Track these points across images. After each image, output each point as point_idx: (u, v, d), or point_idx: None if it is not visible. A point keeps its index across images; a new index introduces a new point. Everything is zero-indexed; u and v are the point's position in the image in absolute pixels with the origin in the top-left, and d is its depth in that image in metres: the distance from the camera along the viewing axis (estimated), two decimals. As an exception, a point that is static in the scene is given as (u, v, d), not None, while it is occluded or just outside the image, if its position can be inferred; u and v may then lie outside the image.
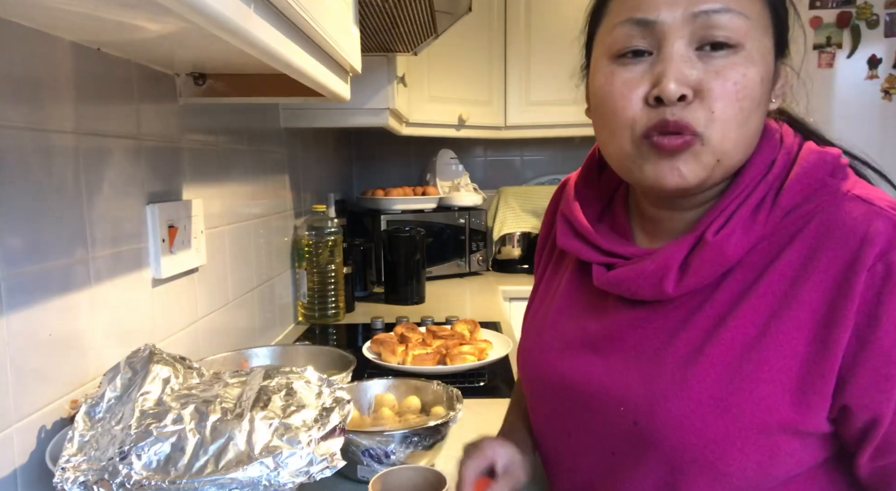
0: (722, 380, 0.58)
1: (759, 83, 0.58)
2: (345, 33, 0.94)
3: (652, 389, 0.61)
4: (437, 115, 2.36)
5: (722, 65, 0.57)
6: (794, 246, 0.58)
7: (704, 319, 0.60)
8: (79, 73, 0.82)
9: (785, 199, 0.59)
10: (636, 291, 0.64)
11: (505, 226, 2.64)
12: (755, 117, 0.59)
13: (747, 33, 0.57)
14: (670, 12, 0.58)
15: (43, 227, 0.74)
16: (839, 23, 2.01)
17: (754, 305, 0.58)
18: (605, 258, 0.68)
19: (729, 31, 0.57)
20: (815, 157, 0.61)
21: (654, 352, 0.62)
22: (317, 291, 1.81)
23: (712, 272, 0.60)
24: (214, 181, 1.26)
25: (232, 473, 0.60)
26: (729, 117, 0.57)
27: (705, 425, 0.57)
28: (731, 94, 0.57)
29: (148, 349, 0.76)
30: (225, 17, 0.51)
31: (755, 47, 0.58)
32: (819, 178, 0.59)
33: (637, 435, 0.61)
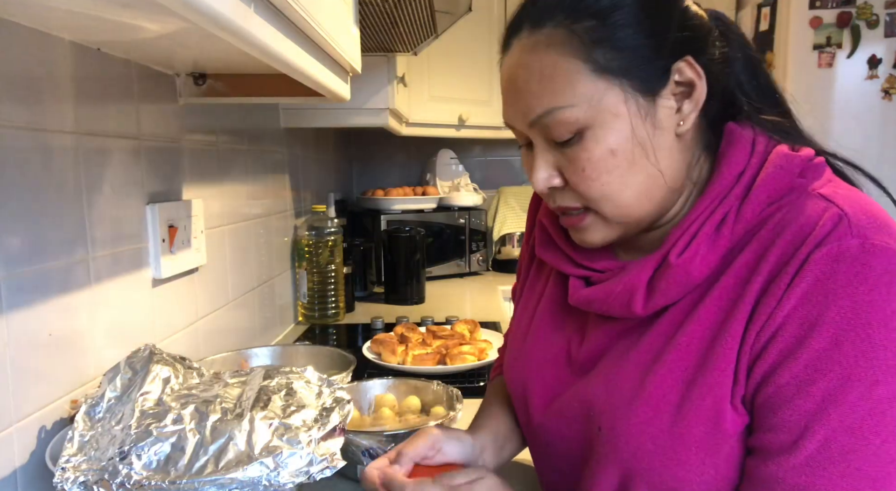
0: (678, 386, 0.57)
1: (610, 155, 0.58)
2: (345, 33, 0.94)
3: (614, 394, 0.61)
4: (437, 115, 2.36)
5: (572, 154, 0.60)
6: (750, 246, 0.57)
7: (665, 326, 0.60)
8: (79, 73, 0.82)
9: (748, 209, 0.58)
10: (608, 310, 0.64)
11: (505, 226, 2.64)
12: (634, 173, 0.59)
13: (580, 119, 0.58)
14: (515, 118, 0.63)
15: (43, 227, 0.74)
16: (839, 23, 2.01)
17: (708, 309, 0.57)
18: (581, 271, 0.69)
19: (563, 128, 0.59)
20: (782, 160, 0.58)
21: (616, 360, 0.63)
22: (317, 291, 1.81)
23: (679, 292, 0.59)
24: (214, 181, 1.26)
25: (232, 473, 0.60)
26: (598, 193, 0.60)
27: (662, 431, 0.57)
28: (587, 177, 0.59)
29: (148, 349, 0.76)
30: (225, 17, 0.51)
31: (600, 122, 0.58)
32: (786, 182, 0.58)
33: (601, 441, 0.61)
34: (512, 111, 0.63)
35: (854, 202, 0.55)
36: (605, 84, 0.58)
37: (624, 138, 0.59)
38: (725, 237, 0.58)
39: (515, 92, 0.61)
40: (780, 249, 0.54)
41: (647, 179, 0.60)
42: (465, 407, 1.03)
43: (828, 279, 0.51)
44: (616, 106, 0.58)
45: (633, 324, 0.63)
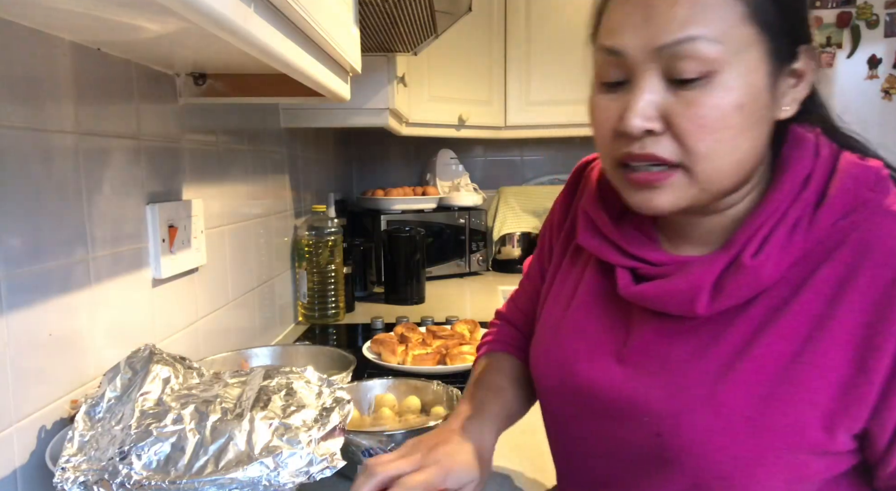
0: (755, 399, 0.56)
1: (736, 110, 0.55)
2: (345, 33, 0.94)
3: (678, 401, 0.59)
4: (437, 115, 2.36)
5: (693, 97, 0.54)
6: (830, 263, 0.56)
7: (736, 335, 0.58)
8: (79, 73, 0.82)
9: (824, 218, 0.57)
10: (664, 307, 0.61)
11: (505, 226, 2.64)
12: (746, 140, 0.56)
13: (718, 59, 0.53)
14: (635, 43, 0.55)
15: (43, 227, 0.74)
16: (839, 23, 2.01)
17: (789, 323, 0.56)
18: (630, 261, 0.65)
19: (697, 62, 0.53)
20: (855, 170, 0.58)
21: (680, 364, 0.60)
22: (317, 291, 1.81)
23: (746, 294, 0.58)
24: (214, 181, 1.26)
25: (232, 473, 0.60)
26: (706, 150, 0.55)
27: (734, 444, 0.56)
28: (702, 128, 0.54)
29: (148, 349, 0.76)
30: (225, 17, 0.51)
31: (733, 72, 0.54)
32: (859, 194, 0.57)
33: (660, 446, 0.59)
34: (635, 33, 0.55)
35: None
36: (753, 34, 0.55)
37: (752, 97, 0.55)
38: (798, 244, 0.57)
39: (651, 11, 0.54)
40: (871, 272, 0.54)
41: (750, 150, 0.57)
42: (465, 407, 1.03)
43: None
44: (756, 61, 0.55)
45: (689, 324, 0.61)
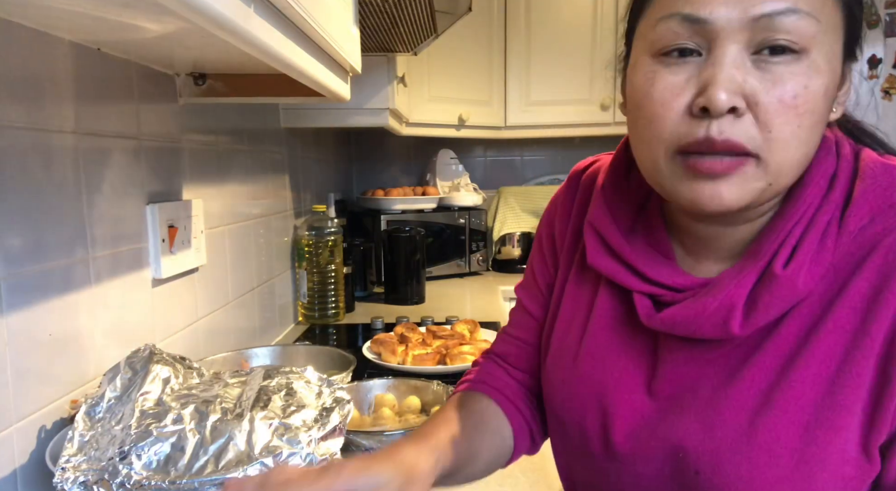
0: (798, 429, 0.52)
1: (823, 95, 0.51)
2: (345, 33, 0.94)
3: (716, 437, 0.55)
4: (437, 115, 2.36)
5: (781, 73, 0.49)
6: (862, 274, 0.52)
7: (770, 359, 0.54)
8: (79, 73, 0.82)
9: (853, 222, 0.53)
10: (696, 332, 0.56)
11: (505, 226, 2.64)
12: (816, 134, 0.52)
13: (814, 37, 0.50)
14: (727, 11, 0.50)
15: (43, 227, 0.74)
16: (839, 23, 2.01)
17: (825, 342, 0.52)
18: (649, 287, 0.60)
19: (793, 35, 0.49)
20: (880, 170, 0.55)
21: (713, 394, 0.56)
22: (317, 291, 1.81)
23: (781, 308, 0.53)
24: (214, 181, 1.26)
25: (232, 473, 0.60)
26: (788, 136, 0.50)
27: (780, 480, 0.52)
28: (789, 109, 0.50)
29: (148, 349, 0.76)
30: (225, 17, 0.51)
31: (822, 54, 0.50)
32: (887, 196, 0.54)
33: (698, 485, 0.56)
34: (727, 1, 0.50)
35: None
36: (840, 19, 0.52)
37: (834, 84, 0.53)
38: (829, 250, 0.53)
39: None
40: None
41: (815, 146, 0.54)
42: (465, 407, 1.03)
43: None
44: (838, 47, 0.53)
45: (720, 349, 0.57)
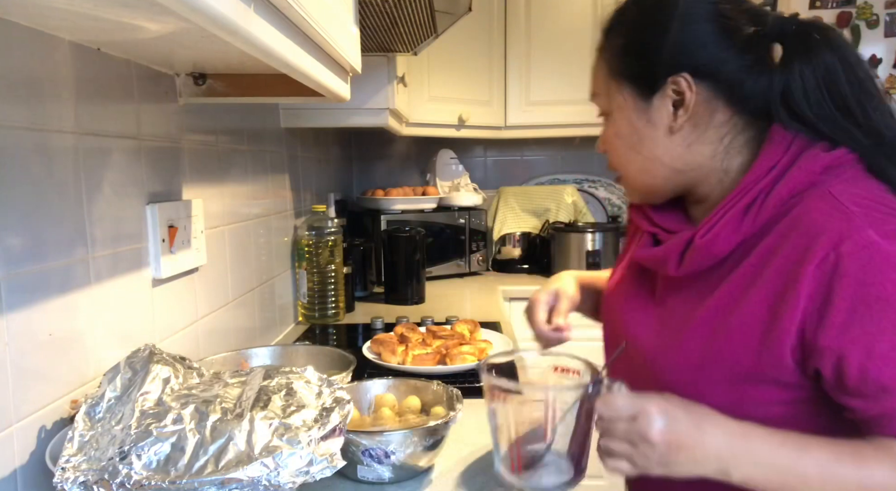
0: (704, 339, 0.72)
1: (617, 136, 0.79)
2: (345, 33, 0.94)
3: (660, 340, 0.77)
4: (437, 115, 2.35)
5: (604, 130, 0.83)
6: (770, 236, 0.69)
7: (701, 291, 0.74)
8: (79, 73, 0.82)
9: (771, 202, 0.69)
10: (653, 267, 0.81)
11: (505, 226, 2.64)
12: (633, 154, 0.78)
13: (603, 104, 0.81)
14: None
15: (43, 227, 0.74)
16: (839, 23, 2.01)
17: (734, 282, 0.71)
18: (652, 228, 0.82)
19: (598, 108, 0.82)
20: (807, 159, 0.69)
21: (670, 314, 0.78)
22: (317, 291, 1.81)
23: (702, 264, 0.74)
24: (214, 181, 1.26)
25: (232, 473, 0.60)
26: (615, 165, 0.82)
27: (689, 373, 0.72)
28: (607, 150, 0.82)
29: (148, 349, 0.76)
30: (225, 17, 0.51)
31: (614, 109, 0.79)
32: (806, 179, 0.68)
33: (647, 373, 0.77)
34: None
35: (861, 200, 0.65)
36: (616, 84, 0.77)
37: (625, 127, 0.78)
38: (749, 224, 0.70)
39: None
40: (794, 242, 0.66)
41: (645, 161, 0.78)
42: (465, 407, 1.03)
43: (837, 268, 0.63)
44: (622, 101, 0.77)
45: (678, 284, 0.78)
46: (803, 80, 0.69)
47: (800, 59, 0.70)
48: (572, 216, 2.64)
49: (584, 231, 2.44)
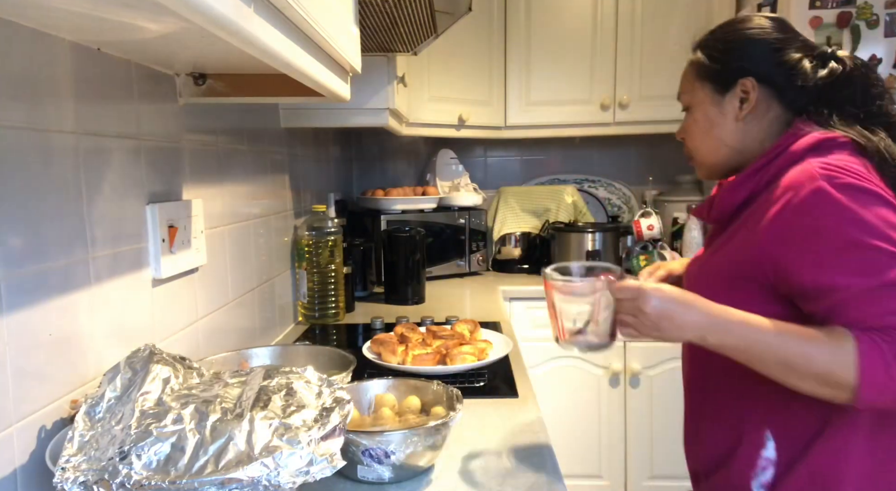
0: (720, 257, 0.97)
1: (694, 124, 1.05)
2: (345, 33, 0.94)
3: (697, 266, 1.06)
4: (437, 115, 2.35)
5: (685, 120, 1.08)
6: (763, 195, 0.92)
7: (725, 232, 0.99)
8: (79, 73, 0.82)
9: (770, 170, 0.93)
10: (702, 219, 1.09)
11: (505, 226, 2.64)
12: (708, 138, 1.03)
13: (690, 102, 1.05)
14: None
15: (43, 227, 0.74)
16: (839, 23, 2.00)
17: (740, 229, 0.94)
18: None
19: (683, 104, 1.08)
20: (805, 139, 0.91)
21: (708, 250, 1.05)
22: (317, 291, 1.81)
23: (724, 211, 1.00)
24: (214, 181, 1.26)
25: (232, 473, 0.60)
26: (690, 147, 1.08)
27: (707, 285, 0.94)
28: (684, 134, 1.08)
29: (148, 349, 0.76)
30: (225, 17, 0.51)
31: (696, 106, 1.04)
32: (803, 153, 0.90)
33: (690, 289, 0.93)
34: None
35: (828, 165, 0.85)
36: (699, 84, 1.03)
37: (702, 116, 1.03)
38: (755, 182, 0.95)
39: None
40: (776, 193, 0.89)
41: (714, 142, 1.03)
42: (465, 407, 1.03)
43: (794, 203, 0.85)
44: (703, 97, 1.03)
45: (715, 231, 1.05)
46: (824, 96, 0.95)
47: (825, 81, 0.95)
48: (572, 216, 2.64)
49: (584, 231, 2.44)
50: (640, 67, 2.53)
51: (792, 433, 0.89)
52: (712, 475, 0.98)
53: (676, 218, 2.61)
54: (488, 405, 1.18)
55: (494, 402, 1.20)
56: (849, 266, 0.80)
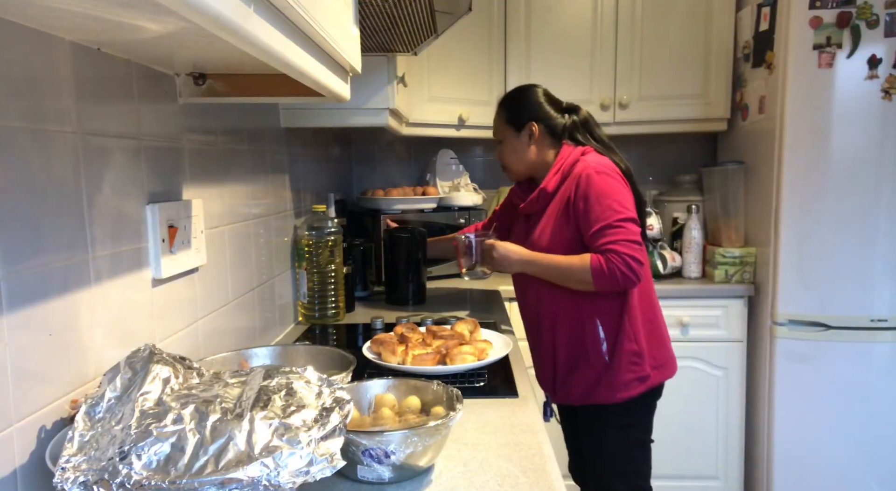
0: (541, 233, 1.62)
1: (500, 150, 1.74)
2: (345, 33, 0.94)
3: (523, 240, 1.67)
4: (437, 115, 2.35)
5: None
6: (565, 184, 1.58)
7: (541, 215, 1.64)
8: (79, 73, 0.82)
9: (563, 169, 1.60)
10: (525, 210, 1.70)
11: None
12: (513, 158, 1.71)
13: (497, 136, 1.74)
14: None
15: (43, 226, 0.74)
16: (839, 23, 2.00)
17: (552, 207, 1.60)
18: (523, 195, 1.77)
19: (495, 140, 1.76)
20: (574, 153, 1.61)
21: (528, 229, 1.68)
22: (317, 291, 1.81)
23: (542, 201, 1.63)
24: (214, 181, 1.26)
25: (232, 473, 0.60)
26: (504, 164, 1.75)
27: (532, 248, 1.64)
28: (500, 158, 1.76)
29: (148, 349, 0.76)
30: (225, 17, 0.51)
31: (503, 138, 1.71)
32: (571, 162, 1.59)
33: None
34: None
35: (591, 162, 1.55)
36: (505, 126, 1.70)
37: (509, 145, 1.71)
38: (557, 180, 1.60)
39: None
40: (569, 184, 1.57)
41: (518, 161, 1.70)
42: (466, 407, 1.03)
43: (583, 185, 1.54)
44: (508, 132, 1.70)
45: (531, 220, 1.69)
46: (576, 127, 1.67)
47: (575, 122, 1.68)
48: (572, 216, 2.64)
49: (584, 231, 2.44)
50: (640, 67, 2.53)
51: (608, 314, 1.56)
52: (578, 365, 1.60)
53: (676, 218, 2.61)
54: (488, 405, 1.18)
55: (494, 402, 1.20)
56: (598, 218, 1.49)
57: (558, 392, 1.65)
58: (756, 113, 2.33)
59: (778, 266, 2.17)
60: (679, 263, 2.50)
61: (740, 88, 2.48)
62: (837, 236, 2.10)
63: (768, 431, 2.23)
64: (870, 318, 2.11)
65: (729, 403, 2.38)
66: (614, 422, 1.61)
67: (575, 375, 1.60)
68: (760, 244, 2.30)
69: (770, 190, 2.19)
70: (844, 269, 2.10)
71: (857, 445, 2.15)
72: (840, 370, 2.14)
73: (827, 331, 2.14)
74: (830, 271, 2.11)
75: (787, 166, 2.12)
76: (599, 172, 1.50)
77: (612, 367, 1.57)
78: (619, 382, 1.57)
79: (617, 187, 1.51)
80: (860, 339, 2.12)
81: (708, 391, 2.38)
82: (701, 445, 2.41)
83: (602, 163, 1.53)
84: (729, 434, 2.39)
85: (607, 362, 1.57)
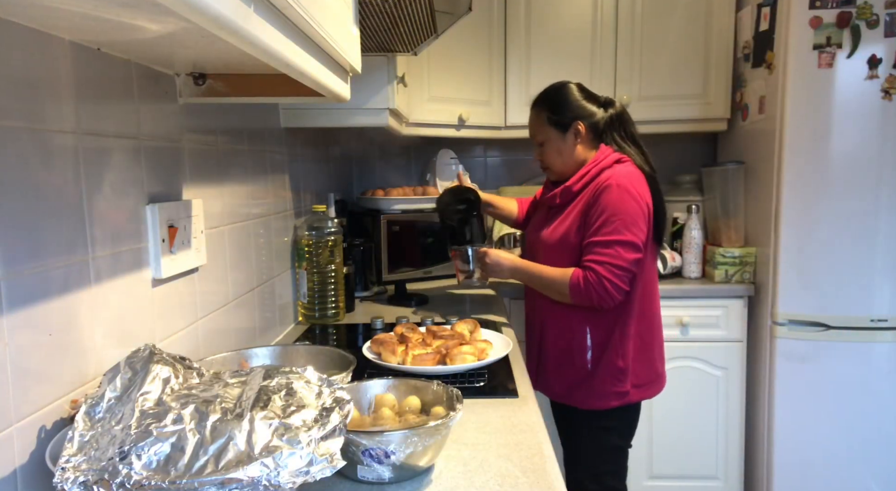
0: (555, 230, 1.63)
1: (542, 151, 1.70)
2: (345, 33, 0.94)
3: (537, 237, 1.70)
4: (437, 115, 2.35)
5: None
6: (586, 192, 1.58)
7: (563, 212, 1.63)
8: (79, 73, 0.82)
9: (588, 175, 1.59)
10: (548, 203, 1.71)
11: (505, 226, 2.64)
12: (558, 160, 1.67)
13: (539, 139, 1.70)
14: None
15: (43, 227, 0.74)
16: (839, 23, 2.00)
17: (574, 207, 1.60)
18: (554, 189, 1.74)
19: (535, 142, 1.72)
20: (610, 157, 1.59)
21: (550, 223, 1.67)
22: (317, 291, 1.81)
23: (566, 198, 1.63)
24: (214, 181, 1.26)
25: (232, 473, 0.60)
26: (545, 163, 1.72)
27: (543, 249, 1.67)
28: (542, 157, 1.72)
29: (148, 349, 0.76)
30: (225, 17, 0.51)
31: (546, 140, 1.67)
32: (601, 167, 1.58)
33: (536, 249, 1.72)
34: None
35: (619, 172, 1.55)
36: (547, 126, 1.66)
37: (552, 145, 1.67)
38: (580, 184, 1.60)
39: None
40: (593, 190, 1.56)
41: (564, 161, 1.66)
42: (466, 407, 1.03)
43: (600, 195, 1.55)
44: (549, 134, 1.67)
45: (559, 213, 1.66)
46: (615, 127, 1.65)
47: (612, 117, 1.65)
48: (572, 216, 2.64)
49: (584, 231, 2.44)
50: (640, 67, 2.53)
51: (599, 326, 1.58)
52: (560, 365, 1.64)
53: (676, 218, 2.61)
54: (488, 405, 1.18)
55: (494, 402, 1.20)
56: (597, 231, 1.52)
57: (539, 382, 1.70)
58: (756, 113, 2.33)
59: (778, 266, 2.17)
60: (679, 263, 2.50)
61: (740, 88, 2.48)
62: (837, 236, 2.10)
63: (768, 431, 2.23)
64: (870, 318, 2.11)
65: (729, 403, 2.38)
66: (591, 423, 1.63)
67: (557, 373, 1.65)
68: (760, 244, 2.30)
69: (770, 190, 2.19)
70: (844, 269, 2.10)
71: (857, 445, 2.15)
72: (840, 370, 2.14)
73: (827, 331, 2.14)
74: (830, 271, 2.11)
75: (787, 166, 2.12)
76: (621, 186, 1.49)
77: (594, 376, 1.59)
78: (597, 392, 1.59)
79: (630, 207, 1.49)
80: (860, 339, 2.12)
81: (708, 391, 2.38)
82: (701, 445, 2.41)
83: (630, 176, 1.52)
84: (729, 434, 2.39)
85: (590, 370, 1.59)
